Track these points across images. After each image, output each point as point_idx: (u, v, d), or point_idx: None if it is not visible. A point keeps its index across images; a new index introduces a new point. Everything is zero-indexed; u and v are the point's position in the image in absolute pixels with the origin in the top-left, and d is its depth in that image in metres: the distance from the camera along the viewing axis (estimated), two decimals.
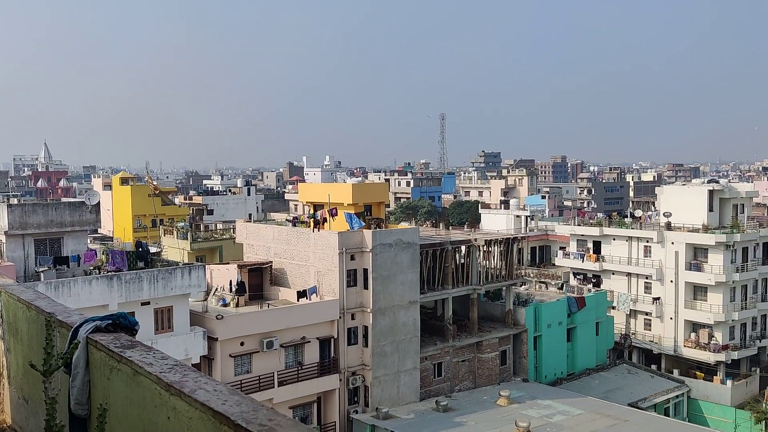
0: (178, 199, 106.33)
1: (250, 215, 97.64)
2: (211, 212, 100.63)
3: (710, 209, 60.25)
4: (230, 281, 41.88)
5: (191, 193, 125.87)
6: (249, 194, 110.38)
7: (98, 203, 39.93)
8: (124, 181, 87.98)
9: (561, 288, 59.96)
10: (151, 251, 40.12)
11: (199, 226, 72.30)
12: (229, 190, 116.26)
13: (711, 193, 60.76)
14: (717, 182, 68.10)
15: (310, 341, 38.65)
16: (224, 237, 60.75)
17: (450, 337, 44.85)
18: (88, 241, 43.58)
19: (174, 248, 53.94)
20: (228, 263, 45.92)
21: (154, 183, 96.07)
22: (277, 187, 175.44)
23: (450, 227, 69.92)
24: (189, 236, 57.81)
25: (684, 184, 72.90)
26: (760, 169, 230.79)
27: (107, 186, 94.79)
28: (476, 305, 46.76)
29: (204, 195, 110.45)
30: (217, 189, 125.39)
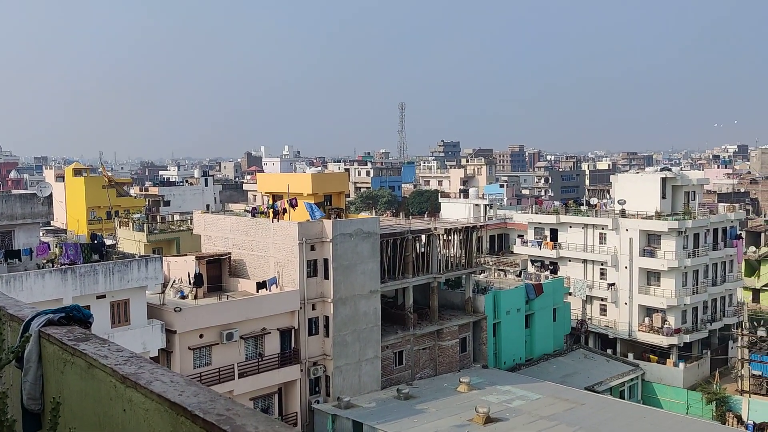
0: (134, 191, 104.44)
1: (207, 206, 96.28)
2: (167, 203, 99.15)
3: (663, 196, 61.72)
4: (188, 273, 41.35)
5: (147, 184, 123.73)
6: (206, 185, 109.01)
7: (50, 195, 38.97)
8: (77, 172, 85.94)
9: (519, 275, 60.84)
10: (106, 243, 39.36)
11: (155, 217, 71.21)
12: (186, 181, 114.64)
13: (664, 180, 62.21)
14: (669, 170, 69.75)
15: (270, 332, 38.46)
16: (181, 228, 59.90)
17: (411, 326, 45.14)
18: (41, 234, 42.54)
19: (130, 240, 53.01)
20: (186, 255, 45.33)
21: (109, 174, 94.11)
22: (235, 178, 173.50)
23: (410, 216, 70.19)
24: (145, 228, 56.83)
25: (638, 173, 74.54)
26: (711, 157, 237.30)
27: (60, 177, 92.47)
28: (436, 293, 47.12)
29: (160, 186, 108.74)
30: (174, 180, 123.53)
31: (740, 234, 68.35)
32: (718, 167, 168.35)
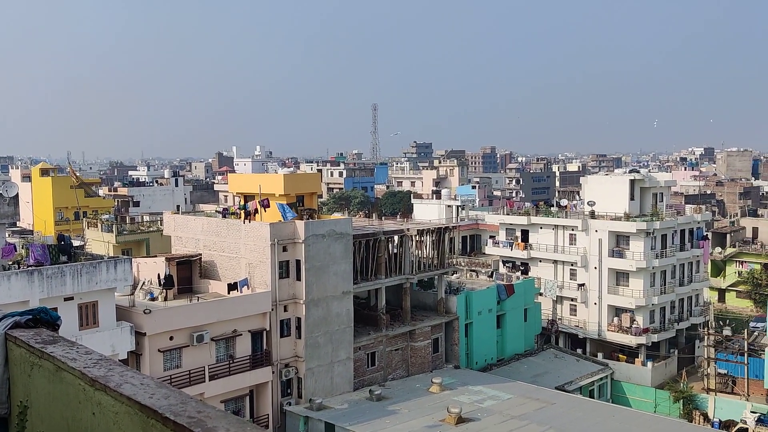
0: (103, 191, 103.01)
1: (178, 207, 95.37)
2: (137, 204, 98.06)
3: (631, 198, 62.66)
4: (158, 275, 40.88)
5: (116, 184, 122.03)
6: (177, 185, 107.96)
7: (17, 195, 38.20)
8: (44, 172, 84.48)
9: (491, 276, 61.27)
10: (74, 245, 38.75)
11: (124, 218, 70.34)
12: (156, 181, 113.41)
13: (632, 182, 63.16)
14: (638, 172, 70.83)
15: (241, 334, 38.19)
16: (151, 229, 59.21)
17: (383, 327, 45.17)
18: (6, 235, 41.66)
19: (98, 241, 52.23)
20: (155, 256, 44.81)
21: (77, 174, 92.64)
22: (206, 178, 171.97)
23: (383, 217, 70.25)
24: (114, 229, 56.07)
25: (607, 174, 75.55)
26: (678, 159, 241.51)
27: (26, 177, 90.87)
28: (409, 294, 47.22)
29: (130, 186, 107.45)
30: (144, 180, 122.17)
31: (706, 235, 69.68)
32: (685, 169, 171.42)
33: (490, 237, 71.29)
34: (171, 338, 35.74)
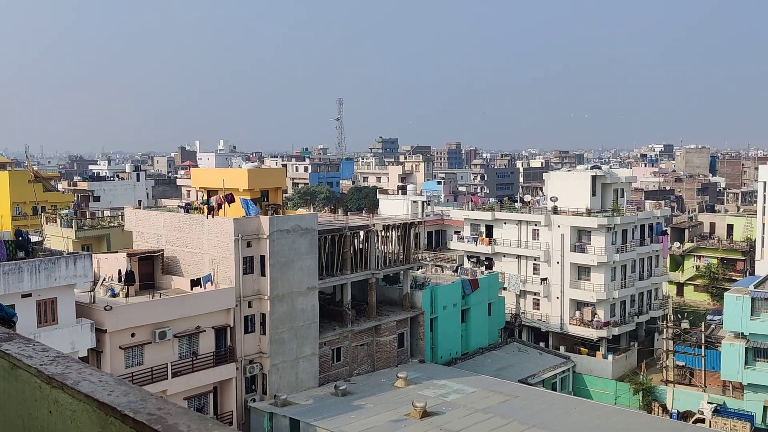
0: (62, 185, 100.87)
1: (139, 202, 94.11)
2: (97, 199, 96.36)
3: (593, 194, 63.66)
4: (119, 271, 40.23)
5: (76, 178, 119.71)
6: (138, 180, 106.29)
7: None
8: (0, 166, 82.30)
9: (456, 271, 61.70)
10: (32, 240, 37.89)
11: (84, 213, 68.94)
12: (117, 176, 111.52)
13: (594, 178, 64.17)
14: (599, 168, 71.97)
15: (205, 330, 37.81)
16: (112, 225, 58.24)
17: (349, 322, 45.16)
18: None
19: (57, 237, 51.16)
20: (116, 252, 44.08)
21: (35, 168, 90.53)
22: (168, 173, 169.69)
23: (348, 213, 70.18)
24: (74, 224, 55.00)
25: (569, 170, 76.60)
26: (639, 155, 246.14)
27: None
28: (374, 290, 47.28)
29: (90, 181, 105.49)
30: (104, 174, 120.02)
31: (665, 230, 71.21)
32: (645, 166, 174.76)
33: (455, 232, 71.76)
34: (132, 335, 35.21)
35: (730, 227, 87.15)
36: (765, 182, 65.73)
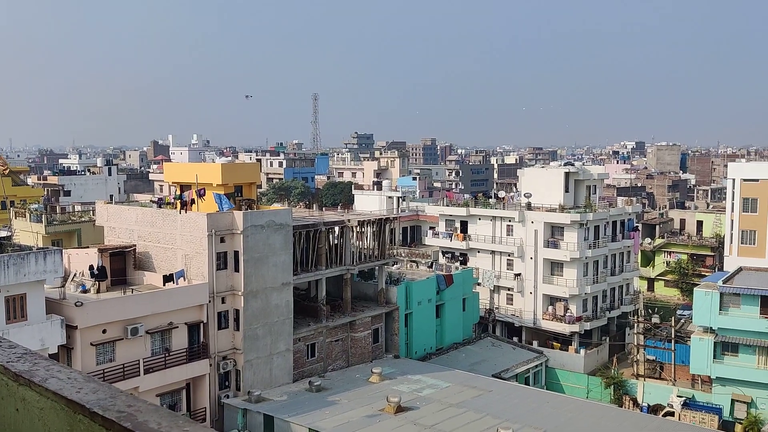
0: (31, 179, 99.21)
1: (111, 196, 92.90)
2: (68, 193, 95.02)
3: (566, 190, 64.27)
4: (90, 266, 39.66)
5: (46, 172, 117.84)
6: (110, 174, 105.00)
7: None
8: None
9: (430, 266, 61.90)
10: (0, 235, 37.16)
11: (54, 208, 67.95)
12: (88, 170, 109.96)
13: (567, 175, 64.78)
14: (572, 165, 72.71)
15: (177, 327, 37.47)
16: (83, 220, 57.37)
17: (323, 318, 45.09)
18: None
19: (27, 232, 50.27)
20: (87, 247, 43.47)
21: (4, 162, 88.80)
22: (140, 167, 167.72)
23: (323, 208, 70.04)
24: (43, 219, 54.08)
25: (543, 167, 77.30)
26: (611, 152, 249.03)
27: None
28: (349, 285, 47.24)
29: (60, 175, 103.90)
30: (75, 168, 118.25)
31: (637, 226, 72.20)
32: (618, 163, 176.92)
33: (430, 228, 72.00)
34: (104, 331, 34.77)
35: (699, 223, 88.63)
36: (734, 179, 66.91)
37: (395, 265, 57.48)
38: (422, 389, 41.04)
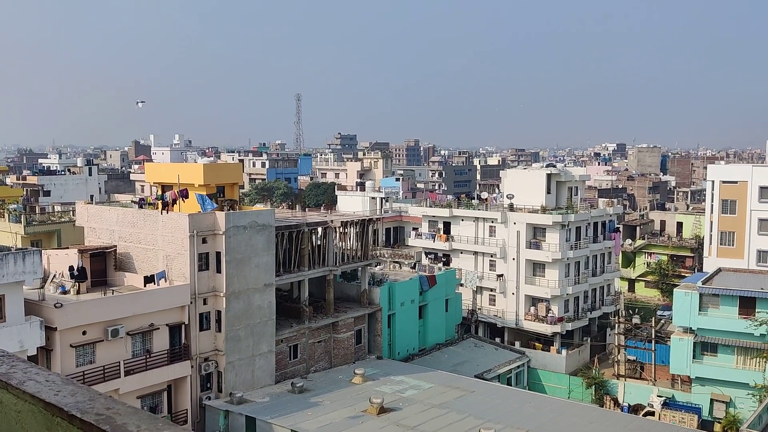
0: (10, 179, 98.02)
1: (91, 197, 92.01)
2: (47, 193, 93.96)
3: (548, 191, 64.66)
4: (70, 267, 39.25)
5: (25, 172, 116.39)
6: (90, 174, 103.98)
7: None
8: None
9: (413, 267, 61.98)
10: None
11: (34, 208, 67.14)
12: (69, 170, 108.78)
13: (549, 176, 65.18)
14: (554, 166, 73.16)
15: (159, 328, 37.18)
16: (63, 220, 56.82)
17: (306, 319, 44.97)
18: None
19: (5, 232, 49.71)
20: (67, 248, 43.01)
21: None
22: (122, 167, 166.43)
23: (306, 209, 69.87)
24: (23, 219, 53.47)
25: (525, 168, 77.66)
26: (592, 154, 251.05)
27: None
28: (332, 286, 47.17)
29: (40, 175, 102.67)
30: (55, 168, 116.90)
31: (618, 227, 72.80)
32: (599, 164, 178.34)
33: (413, 229, 72.08)
34: (84, 333, 34.42)
35: (679, 225, 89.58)
36: (713, 181, 67.70)
37: (378, 266, 57.49)
38: (405, 390, 41.06)
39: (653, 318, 56.68)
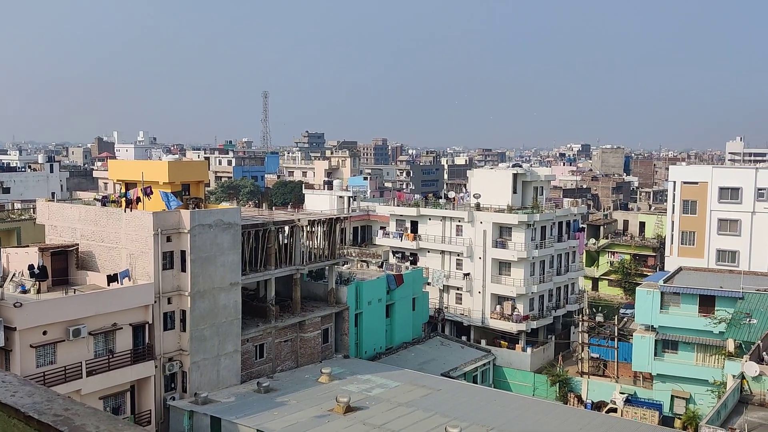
0: None
1: (53, 194, 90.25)
2: (7, 191, 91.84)
3: (514, 191, 65.28)
4: (30, 266, 38.41)
5: None
6: (52, 171, 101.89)
7: None
8: None
9: (381, 266, 62.04)
10: None
11: None
12: (29, 167, 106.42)
13: (515, 176, 65.80)
14: (520, 167, 73.91)
15: (122, 328, 36.61)
16: (23, 218, 55.56)
17: (272, 318, 44.70)
18: None
19: None
20: (27, 246, 42.08)
21: None
22: (84, 164, 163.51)
23: (273, 207, 69.50)
24: None
25: (492, 168, 78.30)
26: (558, 155, 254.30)
27: None
28: (299, 285, 46.97)
29: None
30: (15, 165, 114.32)
31: (582, 227, 73.83)
32: (564, 164, 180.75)
33: (381, 228, 72.13)
34: (44, 333, 33.72)
35: (642, 224, 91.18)
36: (675, 182, 69.06)
37: (345, 265, 57.41)
38: (372, 389, 41.09)
39: (616, 316, 57.61)
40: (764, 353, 36.30)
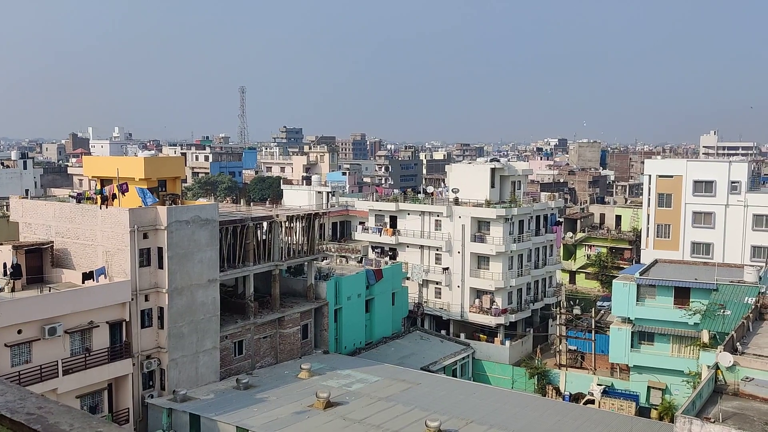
0: None
1: (27, 191, 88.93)
2: None
3: (492, 186, 65.62)
4: (4, 264, 37.87)
5: None
6: (25, 168, 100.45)
7: None
8: None
9: (360, 261, 62.04)
10: None
11: None
12: (2, 163, 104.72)
13: (493, 171, 66.12)
14: (498, 161, 74.18)
15: (98, 326, 36.22)
16: None
17: (251, 315, 44.51)
18: None
19: None
20: (1, 244, 41.43)
21: None
22: (58, 161, 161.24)
23: (251, 203, 69.10)
24: None
25: (470, 163, 78.55)
26: (535, 149, 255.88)
27: None
28: (278, 281, 46.81)
29: None
30: None
31: (559, 221, 74.37)
32: (541, 159, 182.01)
33: (360, 223, 72.10)
34: (19, 332, 33.25)
35: (618, 218, 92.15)
36: (650, 175, 69.85)
37: (324, 261, 57.32)
38: (351, 384, 41.12)
39: (593, 309, 58.15)
40: (738, 344, 36.88)
